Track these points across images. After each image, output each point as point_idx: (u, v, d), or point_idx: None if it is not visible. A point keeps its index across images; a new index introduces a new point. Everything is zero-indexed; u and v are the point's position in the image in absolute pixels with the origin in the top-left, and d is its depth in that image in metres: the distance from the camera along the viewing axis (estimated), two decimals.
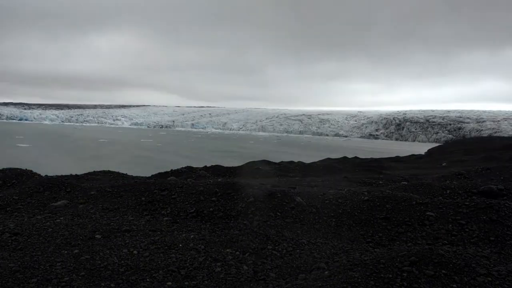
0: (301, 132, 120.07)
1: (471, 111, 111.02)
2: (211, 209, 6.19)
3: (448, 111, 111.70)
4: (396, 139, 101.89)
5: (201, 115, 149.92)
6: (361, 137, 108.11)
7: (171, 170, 12.63)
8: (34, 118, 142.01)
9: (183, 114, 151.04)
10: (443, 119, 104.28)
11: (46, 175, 8.98)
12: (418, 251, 3.78)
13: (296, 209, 6.24)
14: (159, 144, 70.43)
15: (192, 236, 5.10)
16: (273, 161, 21.05)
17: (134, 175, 11.97)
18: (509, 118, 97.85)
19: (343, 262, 4.05)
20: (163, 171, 12.85)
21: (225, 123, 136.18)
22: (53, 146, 55.99)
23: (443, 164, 21.66)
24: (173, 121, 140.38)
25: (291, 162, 20.72)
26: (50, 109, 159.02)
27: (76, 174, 10.63)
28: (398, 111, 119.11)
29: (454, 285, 3.28)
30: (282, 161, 21.51)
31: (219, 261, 4.35)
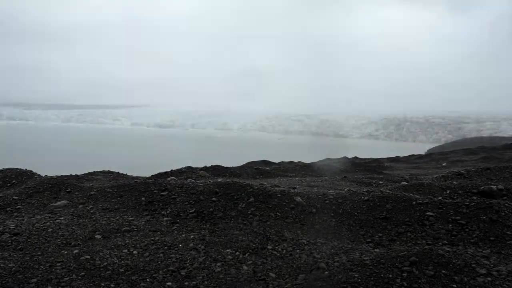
0: (301, 133, 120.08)
1: (471, 111, 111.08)
2: (211, 209, 6.19)
3: (448, 111, 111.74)
4: (396, 139, 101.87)
5: (201, 115, 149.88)
6: (361, 137, 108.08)
7: (171, 170, 12.61)
8: (34, 118, 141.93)
9: (183, 115, 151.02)
10: (443, 119, 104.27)
11: (46, 175, 8.98)
12: (418, 251, 3.78)
13: (296, 209, 6.24)
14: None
15: (192, 236, 5.10)
16: (273, 161, 21.05)
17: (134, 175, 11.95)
18: (509, 118, 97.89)
19: (343, 262, 4.05)
20: (163, 171, 12.83)
21: (225, 123, 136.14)
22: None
23: (443, 164, 21.65)
24: (173, 121, 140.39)
25: (291, 162, 20.71)
26: (50, 109, 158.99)
27: (76, 174, 10.62)
28: (398, 111, 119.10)
29: (454, 285, 3.28)
30: (282, 161, 21.51)
31: (219, 261, 4.35)
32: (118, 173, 11.60)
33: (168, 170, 12.67)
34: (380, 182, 10.56)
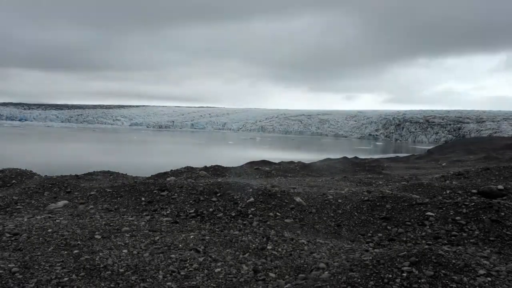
0: (300, 133, 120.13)
1: (471, 111, 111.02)
2: (211, 209, 6.20)
3: (448, 111, 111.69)
4: (396, 139, 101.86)
5: (201, 115, 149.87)
6: (360, 137, 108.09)
7: (171, 170, 12.61)
8: (34, 118, 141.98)
9: (183, 115, 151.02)
10: (443, 119, 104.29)
11: (46, 175, 8.98)
12: (418, 251, 3.77)
13: (296, 209, 6.24)
14: None
15: (192, 236, 5.11)
16: (273, 161, 21.04)
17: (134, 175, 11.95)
18: (509, 118, 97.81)
19: (343, 262, 4.05)
20: (162, 171, 12.83)
21: (225, 123, 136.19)
22: None
23: (443, 164, 21.64)
24: (173, 121, 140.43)
25: (291, 162, 20.68)
26: (49, 109, 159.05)
27: (76, 174, 10.62)
28: (397, 111, 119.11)
29: (454, 285, 3.28)
30: (282, 161, 21.48)
31: (219, 261, 4.35)
32: (117, 173, 11.58)
33: (168, 170, 12.67)
34: (380, 182, 10.56)
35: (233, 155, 38.99)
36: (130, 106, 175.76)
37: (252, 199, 6.42)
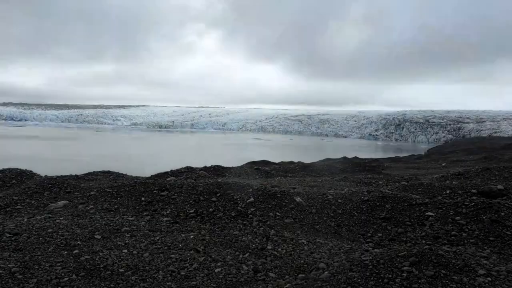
0: (300, 133, 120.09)
1: (471, 111, 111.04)
2: (211, 209, 6.20)
3: (448, 111, 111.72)
4: (396, 139, 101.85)
5: (201, 115, 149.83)
6: (360, 137, 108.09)
7: (171, 170, 12.60)
8: (34, 118, 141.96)
9: (183, 115, 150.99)
10: (442, 119, 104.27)
11: (46, 176, 8.98)
12: (418, 251, 3.77)
13: (296, 209, 6.24)
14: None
15: (192, 236, 5.11)
16: (273, 161, 21.05)
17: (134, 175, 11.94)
18: (509, 118, 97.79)
19: (343, 262, 4.05)
20: (162, 171, 12.83)
21: (225, 123, 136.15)
22: None
23: (443, 164, 21.63)
24: (173, 121, 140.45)
25: (291, 162, 20.69)
26: (49, 109, 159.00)
27: (76, 175, 10.62)
28: (397, 111, 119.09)
29: (454, 285, 3.28)
30: (282, 161, 21.49)
31: (219, 261, 4.35)
32: (117, 173, 11.59)
33: (168, 170, 12.67)
34: (380, 182, 10.56)
35: (233, 155, 39.00)
36: (130, 106, 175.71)
37: (252, 199, 6.43)
